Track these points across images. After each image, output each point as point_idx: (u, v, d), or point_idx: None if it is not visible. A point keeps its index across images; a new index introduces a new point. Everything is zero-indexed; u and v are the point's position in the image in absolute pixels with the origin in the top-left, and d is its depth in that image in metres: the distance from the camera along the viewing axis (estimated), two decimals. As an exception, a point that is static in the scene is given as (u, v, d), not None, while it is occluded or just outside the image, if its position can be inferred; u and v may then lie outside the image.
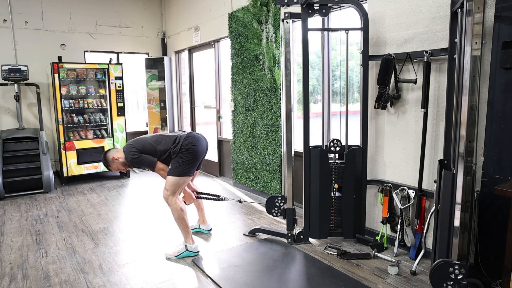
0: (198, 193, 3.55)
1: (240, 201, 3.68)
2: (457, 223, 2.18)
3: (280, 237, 3.43)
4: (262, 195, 4.77)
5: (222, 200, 3.51)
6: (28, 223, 4.01)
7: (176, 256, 3.10)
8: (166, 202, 3.10)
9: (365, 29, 3.12)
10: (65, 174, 5.58)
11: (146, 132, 7.17)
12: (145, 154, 3.10)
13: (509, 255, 2.02)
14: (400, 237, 3.05)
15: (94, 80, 5.92)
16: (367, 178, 3.30)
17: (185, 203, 3.33)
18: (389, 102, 3.10)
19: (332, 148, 3.23)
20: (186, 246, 3.12)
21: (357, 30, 3.20)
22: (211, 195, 3.53)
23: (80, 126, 5.84)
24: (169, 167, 3.10)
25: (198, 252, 3.16)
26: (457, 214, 2.17)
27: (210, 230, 3.66)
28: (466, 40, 2.09)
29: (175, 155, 3.08)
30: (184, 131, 3.30)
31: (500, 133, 2.39)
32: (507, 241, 2.04)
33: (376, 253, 3.02)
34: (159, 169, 3.14)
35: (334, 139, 3.23)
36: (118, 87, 5.90)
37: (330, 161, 3.23)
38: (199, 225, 3.67)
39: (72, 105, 5.69)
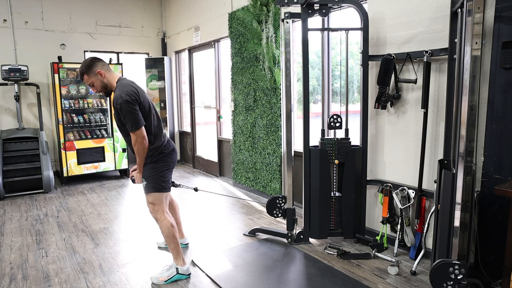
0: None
1: (195, 189, 3.37)
2: (457, 223, 2.17)
3: (280, 237, 3.43)
4: (262, 195, 4.77)
5: (176, 186, 3.15)
6: (28, 223, 4.01)
7: (165, 281, 2.69)
8: (154, 218, 2.78)
9: (365, 29, 3.12)
10: (65, 174, 5.58)
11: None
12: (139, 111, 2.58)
13: (509, 255, 2.02)
14: (400, 237, 3.05)
15: (94, 80, 5.92)
16: (367, 178, 3.29)
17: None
18: (389, 102, 3.10)
19: (332, 124, 3.20)
20: (177, 268, 2.74)
21: (357, 30, 3.20)
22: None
23: (80, 126, 5.84)
24: (145, 182, 2.71)
25: (189, 274, 2.80)
26: (457, 214, 2.17)
27: (187, 244, 3.33)
28: (466, 40, 2.09)
29: (156, 157, 2.72)
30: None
31: (500, 133, 2.39)
32: (507, 241, 2.04)
33: (376, 253, 3.02)
34: (140, 136, 2.56)
35: (334, 115, 3.20)
36: (118, 87, 5.89)
37: (330, 137, 3.25)
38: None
39: (72, 105, 5.70)
